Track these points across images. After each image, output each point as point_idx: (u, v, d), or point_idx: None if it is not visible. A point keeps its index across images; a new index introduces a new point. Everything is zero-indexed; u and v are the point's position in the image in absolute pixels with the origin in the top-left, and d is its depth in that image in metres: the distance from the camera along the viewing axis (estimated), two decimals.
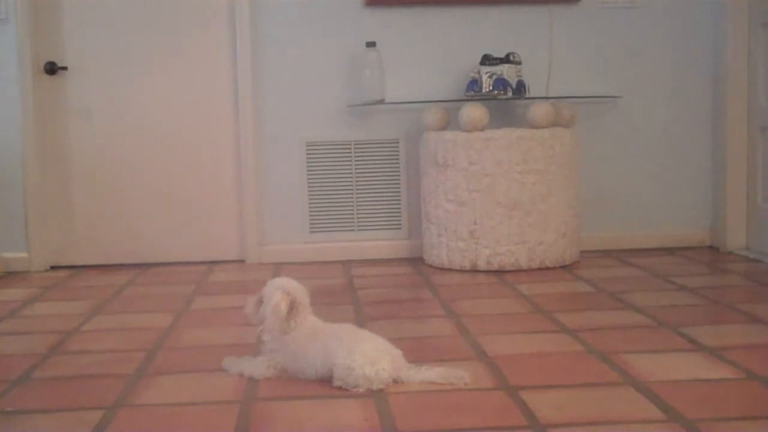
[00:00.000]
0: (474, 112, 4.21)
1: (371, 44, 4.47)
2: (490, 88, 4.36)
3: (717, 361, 2.61)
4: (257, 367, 2.56)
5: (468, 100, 4.39)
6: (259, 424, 2.19)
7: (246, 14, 4.56)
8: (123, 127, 4.65)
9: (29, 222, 4.56)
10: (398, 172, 4.66)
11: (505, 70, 4.36)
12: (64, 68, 4.57)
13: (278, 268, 4.44)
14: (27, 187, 4.54)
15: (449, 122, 4.39)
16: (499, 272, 4.15)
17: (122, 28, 4.60)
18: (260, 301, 2.58)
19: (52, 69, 4.54)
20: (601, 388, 2.39)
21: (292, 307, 2.53)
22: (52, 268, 4.63)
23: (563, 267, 4.25)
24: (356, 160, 4.65)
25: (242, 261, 4.69)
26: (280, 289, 2.55)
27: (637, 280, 3.92)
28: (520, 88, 4.41)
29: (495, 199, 4.15)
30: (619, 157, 4.71)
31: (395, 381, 2.42)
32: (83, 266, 4.64)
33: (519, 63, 4.42)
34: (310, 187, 4.66)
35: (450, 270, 4.26)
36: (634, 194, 4.73)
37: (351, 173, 4.65)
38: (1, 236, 4.56)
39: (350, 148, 4.64)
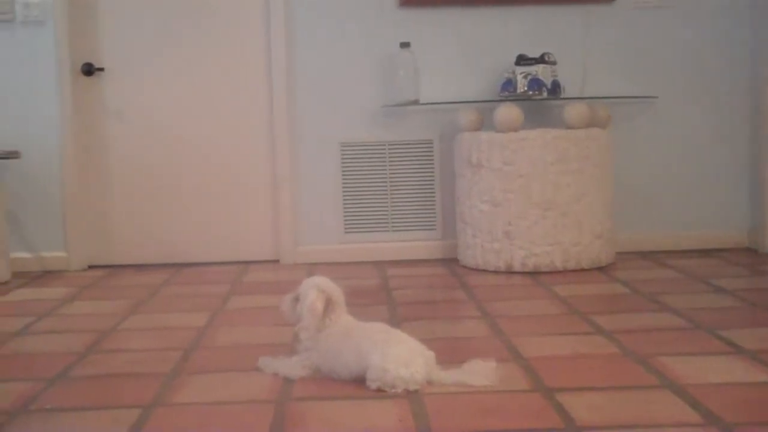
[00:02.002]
0: (509, 112, 4.19)
1: (405, 45, 4.46)
2: (525, 88, 4.34)
3: (755, 364, 2.58)
4: (292, 366, 2.57)
5: (502, 100, 4.37)
6: (293, 424, 2.20)
7: (280, 15, 4.58)
8: (159, 128, 4.68)
9: (67, 222, 4.61)
10: (432, 172, 4.66)
11: (540, 71, 4.34)
12: (101, 69, 4.62)
13: (313, 269, 4.45)
14: (65, 188, 4.59)
15: (483, 123, 4.38)
16: (534, 273, 4.13)
17: (157, 30, 4.63)
18: (296, 300, 2.59)
19: (89, 70, 4.59)
20: (638, 391, 2.37)
21: (328, 304, 2.55)
22: (90, 267, 4.68)
23: (599, 268, 4.22)
24: (390, 161, 4.65)
25: (277, 261, 4.71)
26: (315, 287, 2.56)
27: (674, 282, 3.88)
28: (555, 89, 4.39)
29: (530, 199, 4.13)
30: (656, 157, 4.67)
31: (429, 382, 2.41)
32: (120, 266, 4.68)
33: (554, 63, 4.40)
34: (344, 187, 4.66)
35: (484, 271, 4.25)
36: (670, 195, 4.69)
37: (385, 174, 4.65)
38: (39, 236, 4.62)
39: (384, 149, 4.64)
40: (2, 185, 4.39)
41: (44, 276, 4.49)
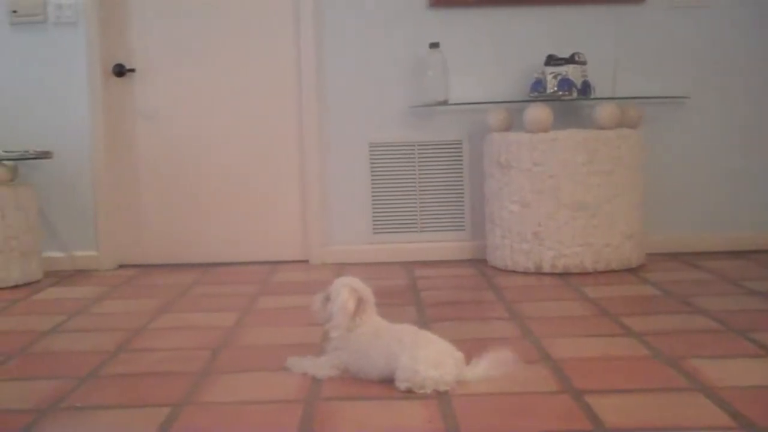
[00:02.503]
0: (538, 112, 4.17)
1: (435, 45, 4.46)
2: (555, 88, 4.32)
3: None
4: (320, 366, 2.57)
5: (532, 100, 4.36)
6: (322, 424, 2.20)
7: (310, 15, 4.59)
8: (188, 129, 4.71)
9: (98, 222, 4.64)
10: (461, 173, 4.65)
11: (570, 71, 4.32)
12: (132, 70, 4.65)
13: (341, 269, 4.45)
14: (96, 188, 4.62)
15: (513, 123, 4.36)
16: (564, 274, 4.11)
17: (187, 31, 4.66)
18: (327, 299, 2.60)
19: (120, 71, 4.62)
20: (668, 393, 2.35)
21: (359, 304, 2.55)
22: (120, 266, 4.71)
23: (629, 270, 4.19)
24: (419, 161, 4.64)
25: (306, 261, 4.72)
26: (347, 287, 2.57)
27: (705, 284, 3.85)
28: (586, 89, 4.36)
29: (560, 200, 4.11)
30: (687, 158, 4.63)
31: (458, 383, 2.41)
32: (150, 265, 4.71)
33: (584, 63, 4.38)
34: (373, 188, 4.67)
35: (513, 272, 4.23)
36: (702, 196, 4.65)
37: (414, 174, 4.65)
38: (71, 235, 4.66)
39: (413, 149, 4.64)
40: (34, 185, 4.43)
41: (75, 275, 4.53)
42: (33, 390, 2.56)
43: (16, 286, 4.14)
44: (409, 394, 2.35)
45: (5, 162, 4.32)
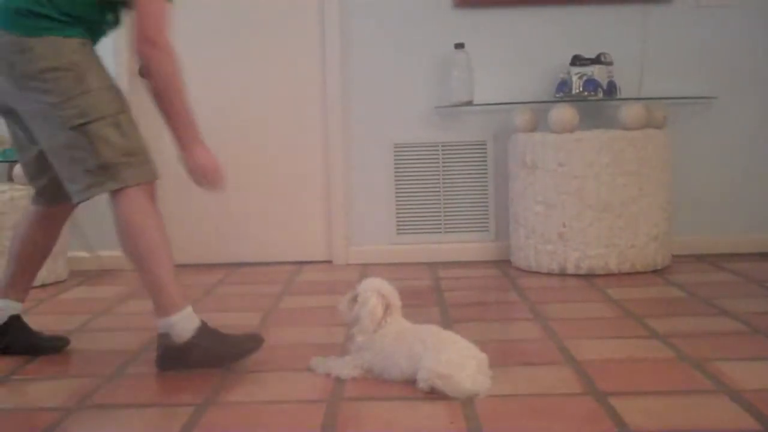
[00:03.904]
0: (564, 113, 4.16)
1: (460, 45, 4.45)
2: (581, 89, 4.31)
3: None
4: (344, 367, 2.57)
5: (557, 101, 4.34)
6: (345, 424, 2.20)
7: (335, 16, 4.60)
8: (213, 129, 4.70)
9: None
10: (486, 173, 4.64)
11: (595, 71, 4.30)
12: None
13: (365, 269, 4.46)
14: None
15: (538, 124, 4.35)
16: (588, 276, 4.09)
17: (211, 31, 4.68)
18: (354, 300, 2.60)
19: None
20: (694, 396, 2.33)
21: (387, 309, 2.56)
22: None
23: (654, 271, 4.17)
24: (444, 162, 4.64)
25: (329, 262, 4.73)
26: (376, 292, 2.57)
27: (732, 286, 3.82)
28: (611, 89, 4.34)
29: (585, 201, 4.10)
30: (714, 158, 4.60)
31: (483, 383, 2.40)
32: (175, 265, 4.71)
33: (610, 63, 4.36)
34: (397, 188, 4.67)
35: (538, 273, 4.22)
36: (729, 197, 4.61)
37: (438, 175, 4.65)
38: (96, 235, 4.69)
39: (438, 150, 4.64)
40: None
41: (101, 275, 4.57)
42: (59, 388, 2.58)
43: (42, 286, 4.18)
44: (432, 395, 2.35)
45: None
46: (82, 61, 2.64)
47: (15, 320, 2.94)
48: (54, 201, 2.89)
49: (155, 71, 2.72)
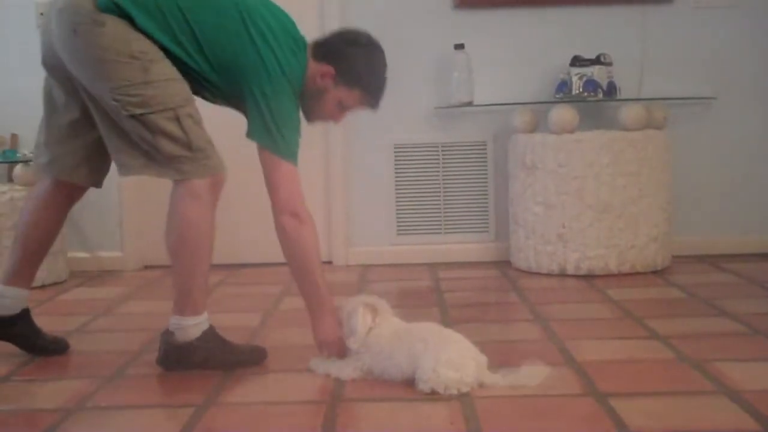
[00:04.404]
0: (563, 114, 4.16)
1: (460, 46, 4.45)
2: (580, 89, 4.31)
3: None
4: (344, 368, 2.57)
5: (557, 101, 4.34)
6: (345, 425, 2.20)
7: (335, 16, 4.60)
8: (212, 130, 4.71)
9: (124, 222, 4.67)
10: (486, 174, 4.64)
11: (595, 72, 4.30)
12: None
13: (365, 270, 4.46)
14: (122, 189, 4.65)
15: (538, 124, 4.35)
16: (588, 276, 4.09)
17: None
18: (348, 316, 2.62)
19: None
20: (694, 397, 2.33)
21: (374, 313, 2.59)
22: (146, 267, 4.74)
23: (654, 272, 4.17)
24: (444, 163, 4.64)
25: (330, 262, 4.72)
26: (361, 304, 2.60)
27: (732, 287, 3.82)
28: (611, 90, 4.34)
29: (584, 201, 4.10)
30: (714, 159, 4.60)
31: (480, 385, 2.40)
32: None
33: (610, 64, 4.36)
34: (397, 189, 4.67)
35: (538, 274, 4.22)
36: (729, 197, 4.61)
37: (438, 176, 4.65)
38: (96, 236, 4.69)
39: (438, 151, 4.64)
40: None
41: (101, 275, 4.56)
42: (59, 389, 2.58)
43: (42, 286, 4.17)
44: (432, 395, 2.35)
45: (32, 163, 4.36)
46: (150, 52, 2.57)
47: (25, 314, 2.92)
48: (62, 174, 2.82)
49: (294, 241, 2.78)
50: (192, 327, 2.67)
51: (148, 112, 2.56)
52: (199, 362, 2.67)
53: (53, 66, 2.69)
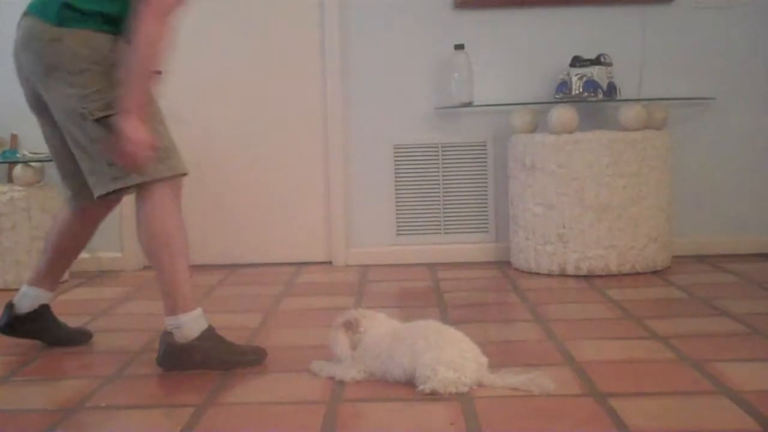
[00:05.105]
0: (563, 114, 4.16)
1: (460, 47, 4.45)
2: (580, 89, 4.31)
3: None
4: (346, 370, 2.57)
5: (557, 102, 4.34)
6: (345, 425, 2.20)
7: (335, 17, 4.59)
8: (213, 130, 4.73)
9: (123, 223, 4.66)
10: (486, 174, 4.64)
11: (595, 72, 4.30)
12: (158, 72, 4.66)
13: (365, 270, 4.46)
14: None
15: (538, 125, 4.35)
16: (588, 277, 4.09)
17: (212, 33, 4.68)
18: (331, 343, 2.64)
19: None
20: (694, 397, 2.33)
21: (349, 326, 2.61)
22: (145, 267, 4.73)
23: (654, 272, 4.17)
24: (444, 163, 4.64)
25: (329, 263, 4.72)
26: (339, 327, 2.62)
27: (732, 287, 3.82)
28: (611, 90, 4.34)
29: (584, 202, 4.10)
30: (714, 159, 4.60)
31: (479, 385, 2.40)
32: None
33: (610, 64, 4.36)
34: (397, 189, 4.67)
35: (537, 274, 4.21)
36: (729, 198, 4.61)
37: (438, 176, 4.65)
38: (96, 237, 4.65)
39: (438, 151, 4.63)
40: (59, 187, 4.46)
41: (100, 276, 4.56)
42: (58, 390, 2.58)
43: None
44: (432, 396, 2.35)
45: (32, 164, 4.36)
46: (111, 57, 2.64)
47: (45, 309, 3.02)
48: (85, 203, 2.91)
49: (138, 29, 2.58)
50: (189, 324, 2.68)
51: (112, 114, 2.60)
52: (198, 362, 2.67)
53: (38, 107, 2.78)
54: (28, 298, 2.99)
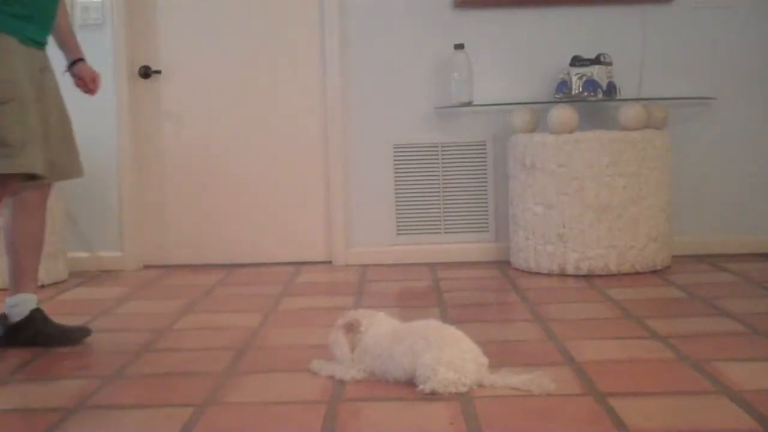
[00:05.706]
0: (563, 114, 4.16)
1: (459, 46, 4.45)
2: (580, 89, 4.31)
3: None
4: (346, 369, 2.57)
5: (557, 101, 4.34)
6: (345, 425, 2.20)
7: (335, 17, 4.59)
8: (214, 130, 4.73)
9: (123, 223, 4.67)
10: (485, 174, 4.64)
11: (595, 72, 4.30)
12: (158, 72, 4.67)
13: (365, 270, 4.46)
14: (122, 189, 4.65)
15: (538, 124, 4.35)
16: (588, 276, 4.09)
17: (213, 33, 4.68)
18: (331, 346, 2.65)
19: (146, 73, 4.65)
20: (693, 397, 2.33)
21: (350, 328, 2.61)
22: (145, 267, 4.74)
23: (654, 272, 4.17)
24: (443, 163, 4.64)
25: (329, 262, 4.72)
26: (339, 329, 2.62)
27: (732, 287, 3.82)
28: (611, 90, 4.34)
29: (584, 202, 4.10)
30: (714, 159, 4.60)
31: (479, 386, 2.40)
32: (174, 266, 4.73)
33: (610, 64, 4.36)
34: (397, 189, 4.66)
35: (537, 274, 4.21)
36: (728, 197, 4.61)
37: (438, 176, 4.65)
38: (96, 236, 4.69)
39: (437, 151, 4.63)
40: (60, 186, 4.46)
41: (100, 275, 4.56)
42: (59, 389, 2.58)
43: (42, 286, 4.17)
44: (432, 395, 2.35)
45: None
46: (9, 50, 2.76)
47: (37, 313, 3.07)
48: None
49: None
50: (24, 304, 2.98)
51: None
52: (27, 339, 2.99)
53: None
54: (17, 307, 3.05)
